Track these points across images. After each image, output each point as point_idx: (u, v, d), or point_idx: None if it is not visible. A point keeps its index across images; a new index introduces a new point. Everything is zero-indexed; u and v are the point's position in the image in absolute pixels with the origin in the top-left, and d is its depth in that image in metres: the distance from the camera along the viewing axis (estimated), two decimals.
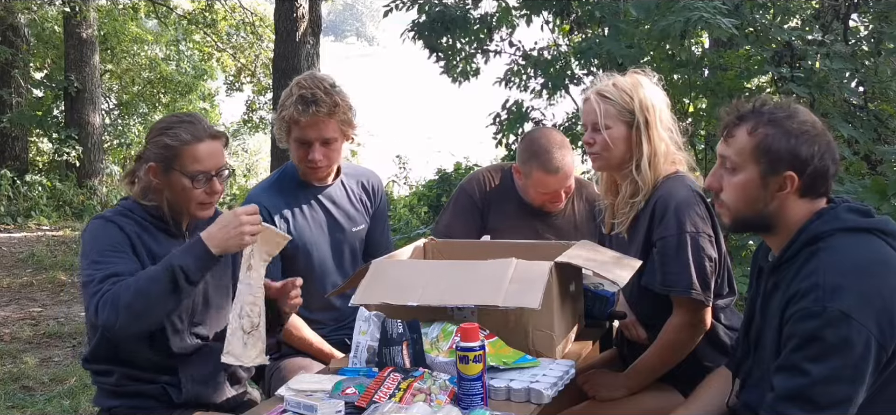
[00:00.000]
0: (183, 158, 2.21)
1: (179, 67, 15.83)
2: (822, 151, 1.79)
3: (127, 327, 2.03)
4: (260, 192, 2.77)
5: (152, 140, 2.27)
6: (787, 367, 1.71)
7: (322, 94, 2.57)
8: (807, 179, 1.80)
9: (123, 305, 2.01)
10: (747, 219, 1.88)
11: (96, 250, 2.13)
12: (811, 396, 1.67)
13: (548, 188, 2.91)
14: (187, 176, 2.21)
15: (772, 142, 1.79)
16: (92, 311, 2.05)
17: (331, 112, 2.58)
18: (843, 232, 1.77)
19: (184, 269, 2.03)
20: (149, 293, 2.03)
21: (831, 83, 4.74)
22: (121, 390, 2.28)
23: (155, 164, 2.23)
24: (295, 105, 2.57)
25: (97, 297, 2.04)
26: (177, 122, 2.28)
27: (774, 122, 1.80)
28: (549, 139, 2.90)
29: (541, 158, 2.86)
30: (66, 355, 5.54)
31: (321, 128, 2.59)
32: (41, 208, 11.73)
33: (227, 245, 2.08)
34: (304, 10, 9.58)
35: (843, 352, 1.64)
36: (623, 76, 2.44)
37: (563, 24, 6.93)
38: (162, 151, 2.23)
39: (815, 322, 1.67)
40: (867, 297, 1.66)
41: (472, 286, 2.08)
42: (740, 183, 1.84)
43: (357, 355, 2.07)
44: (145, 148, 2.29)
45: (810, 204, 1.83)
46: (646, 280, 2.34)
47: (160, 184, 2.24)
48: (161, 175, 2.23)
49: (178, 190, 2.23)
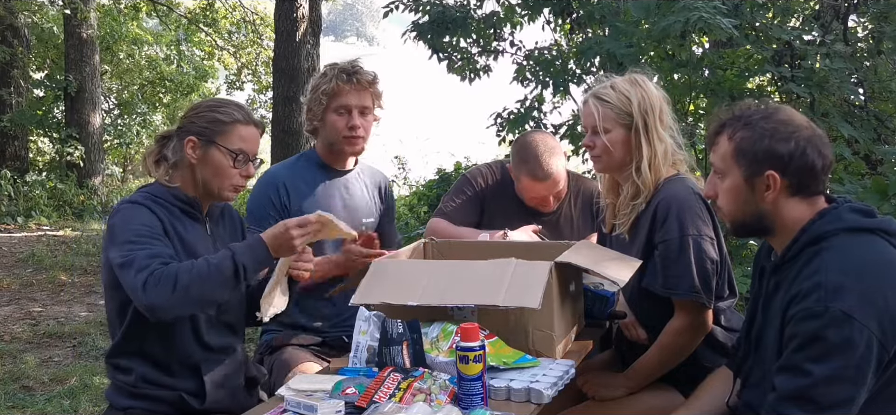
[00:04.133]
0: (230, 134, 2.24)
1: (180, 67, 15.83)
2: (802, 146, 1.80)
3: (176, 308, 2.02)
4: (279, 168, 2.90)
5: (198, 115, 2.27)
6: (788, 367, 1.72)
7: (360, 67, 2.82)
8: (791, 177, 1.81)
9: (182, 286, 2.00)
10: (744, 223, 1.91)
11: (132, 231, 2.10)
12: (813, 396, 1.67)
13: (536, 193, 2.98)
14: (230, 153, 2.24)
15: (747, 144, 1.83)
16: (139, 288, 2.00)
17: (372, 82, 2.81)
18: (846, 232, 1.78)
19: (245, 266, 2.07)
20: (210, 280, 2.03)
21: (831, 83, 4.73)
22: (138, 392, 2.24)
23: (196, 137, 2.24)
24: (336, 77, 2.77)
25: (145, 273, 2.01)
26: (226, 102, 2.34)
27: (750, 124, 1.84)
28: (539, 145, 2.93)
29: (529, 163, 2.92)
30: (66, 355, 5.54)
31: (362, 96, 2.79)
32: (41, 208, 11.74)
33: (280, 252, 2.15)
34: (304, 10, 9.59)
35: (845, 352, 1.64)
36: (622, 78, 2.44)
37: (563, 23, 6.93)
38: (208, 126, 2.24)
39: (818, 322, 1.67)
40: (869, 297, 1.66)
41: (472, 286, 2.08)
42: (728, 188, 1.88)
43: (357, 355, 2.07)
44: (183, 124, 2.29)
45: (807, 203, 1.84)
46: (647, 282, 2.34)
47: (196, 159, 2.24)
48: (200, 149, 2.24)
49: (215, 166, 2.24)
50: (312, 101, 2.82)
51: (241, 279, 2.07)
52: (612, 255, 2.35)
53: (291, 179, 2.79)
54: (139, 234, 2.10)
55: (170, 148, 2.28)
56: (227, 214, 2.46)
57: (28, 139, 13.21)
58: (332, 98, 2.78)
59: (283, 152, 9.47)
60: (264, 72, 15.09)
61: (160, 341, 2.22)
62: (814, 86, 4.71)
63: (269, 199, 2.75)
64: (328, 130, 2.81)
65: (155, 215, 2.17)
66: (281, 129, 9.64)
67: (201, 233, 2.29)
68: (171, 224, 2.20)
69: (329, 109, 2.79)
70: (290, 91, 9.50)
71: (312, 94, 2.83)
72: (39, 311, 6.82)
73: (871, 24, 5.76)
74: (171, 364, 2.24)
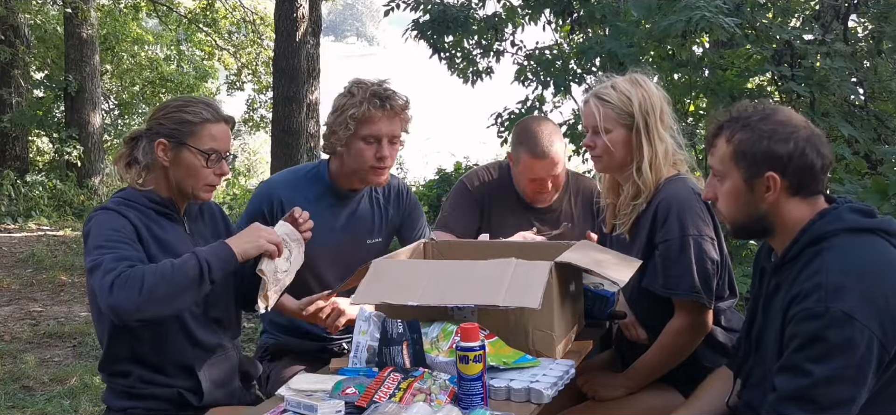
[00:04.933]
0: (200, 135, 2.22)
1: (180, 67, 15.82)
2: (801, 147, 1.80)
3: (142, 310, 2.00)
4: (281, 180, 2.77)
5: (166, 116, 2.25)
6: (789, 367, 1.72)
7: (393, 92, 2.60)
8: (791, 178, 1.81)
9: (147, 288, 1.99)
10: (744, 224, 1.91)
11: (102, 236, 2.10)
12: (813, 396, 1.67)
13: (535, 174, 2.91)
14: (202, 153, 2.22)
15: (747, 145, 1.83)
16: (105, 291, 1.99)
17: (404, 107, 2.62)
18: (846, 232, 1.78)
19: (209, 264, 2.06)
20: (174, 280, 2.03)
21: (831, 83, 4.73)
22: (135, 392, 2.24)
23: (166, 140, 2.22)
24: (367, 102, 2.55)
25: (111, 275, 2.00)
26: (193, 101, 2.30)
27: (748, 126, 1.84)
28: (540, 126, 2.91)
29: (529, 143, 2.88)
30: (66, 355, 5.54)
31: (393, 124, 2.60)
32: (41, 208, 11.73)
33: (246, 249, 2.15)
34: (304, 10, 9.59)
35: (845, 352, 1.64)
36: (623, 78, 2.44)
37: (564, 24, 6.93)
38: (176, 128, 2.22)
39: (818, 323, 1.67)
40: (870, 297, 1.66)
41: (472, 286, 2.08)
42: (728, 191, 1.88)
43: (357, 355, 2.07)
44: (151, 126, 2.26)
45: (807, 203, 1.84)
46: (647, 282, 2.34)
47: (168, 161, 2.23)
48: (171, 151, 2.22)
49: (187, 167, 2.22)
50: (337, 124, 2.59)
51: (205, 279, 2.06)
52: (612, 255, 2.35)
53: (290, 195, 2.64)
54: (108, 238, 2.10)
55: (140, 150, 2.25)
56: (206, 210, 2.45)
57: (28, 139, 13.20)
58: (362, 124, 2.56)
59: (284, 152, 9.47)
60: (264, 72, 15.09)
61: (151, 343, 2.22)
62: (814, 85, 4.71)
63: (261, 212, 2.62)
64: (353, 157, 2.61)
65: (127, 220, 2.16)
66: (281, 129, 9.63)
67: (180, 233, 2.28)
68: (146, 227, 2.19)
69: (357, 136, 2.57)
70: (290, 91, 9.50)
71: (338, 115, 2.59)
72: (39, 311, 6.82)
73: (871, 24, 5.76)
74: (165, 366, 2.25)
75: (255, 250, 2.17)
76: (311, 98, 10.25)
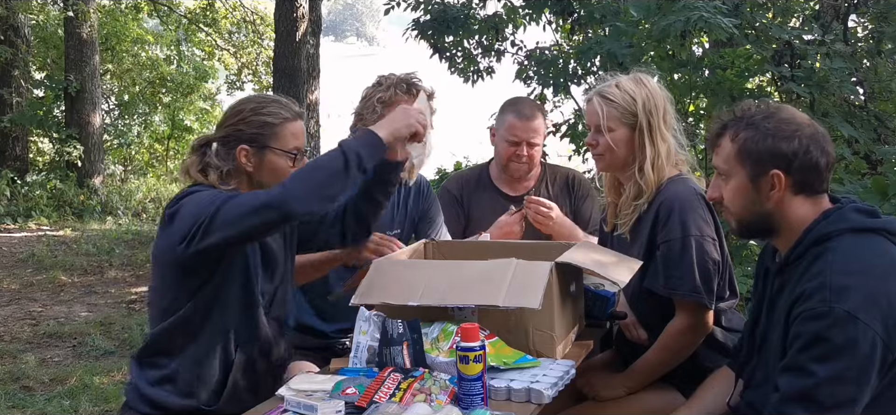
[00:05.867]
0: (282, 135, 2.19)
1: (180, 68, 15.82)
2: (805, 144, 1.80)
3: (306, 199, 1.97)
4: None
5: (243, 121, 2.19)
6: (792, 367, 1.71)
7: (419, 80, 2.71)
8: (796, 175, 1.81)
9: (301, 178, 1.99)
10: (750, 223, 1.90)
11: (210, 194, 2.05)
12: (816, 396, 1.66)
13: (515, 134, 3.03)
14: (287, 153, 2.19)
15: (752, 144, 1.83)
16: (276, 191, 1.97)
17: (429, 97, 2.67)
18: (851, 232, 1.78)
19: (358, 154, 2.03)
20: (324, 167, 2.01)
21: (831, 83, 4.74)
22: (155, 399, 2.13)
23: (248, 145, 2.17)
24: (395, 86, 2.68)
25: (255, 196, 1.99)
26: (266, 100, 2.26)
27: (752, 124, 1.84)
28: (525, 98, 3.17)
29: (515, 105, 3.09)
30: (66, 355, 5.54)
31: None
32: (41, 208, 11.72)
33: (398, 130, 2.14)
34: (304, 10, 9.59)
35: (849, 353, 1.64)
36: (626, 77, 2.44)
37: (564, 24, 6.93)
38: (258, 132, 2.17)
39: (822, 323, 1.67)
40: (874, 298, 1.66)
41: (473, 286, 2.08)
42: (734, 189, 1.88)
43: (357, 355, 2.07)
44: (228, 132, 2.20)
45: (811, 202, 1.84)
46: (648, 282, 2.34)
47: (252, 166, 2.18)
48: (254, 156, 2.18)
49: (273, 169, 2.18)
50: (365, 110, 2.69)
51: (351, 166, 2.01)
52: (612, 255, 2.35)
53: None
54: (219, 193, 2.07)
55: (212, 155, 2.19)
56: None
57: (28, 139, 13.20)
58: (388, 108, 2.63)
59: None
60: (264, 72, 15.07)
61: (212, 326, 2.14)
62: (814, 85, 4.72)
63: None
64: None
65: None
66: None
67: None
68: None
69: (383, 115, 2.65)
70: (290, 91, 9.49)
71: (365, 102, 2.70)
72: (39, 311, 6.82)
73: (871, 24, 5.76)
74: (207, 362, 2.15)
75: (407, 130, 2.15)
76: (311, 98, 10.26)
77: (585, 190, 3.23)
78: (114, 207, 12.28)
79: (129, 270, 8.58)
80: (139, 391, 2.18)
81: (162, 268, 2.17)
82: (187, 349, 2.15)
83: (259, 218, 1.98)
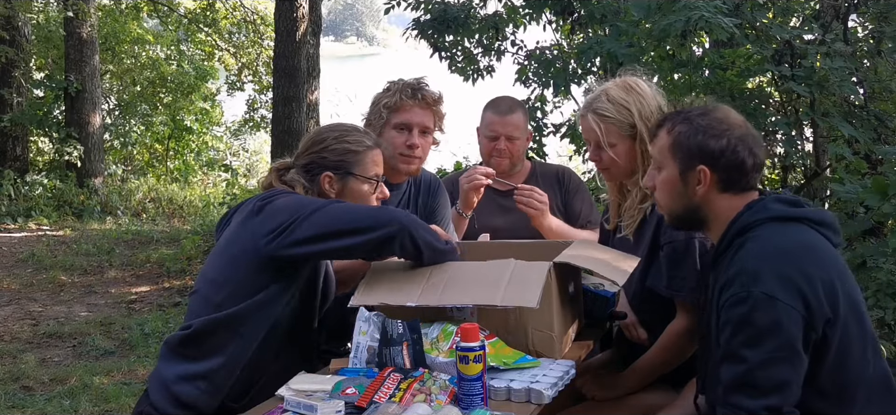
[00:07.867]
0: (365, 162, 2.30)
1: (180, 67, 15.80)
2: (733, 144, 1.87)
3: (425, 233, 2.14)
4: None
5: (327, 149, 2.29)
6: (727, 355, 1.76)
7: (426, 84, 2.77)
8: (721, 173, 1.88)
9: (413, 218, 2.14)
10: (678, 215, 1.98)
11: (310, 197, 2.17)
12: (753, 381, 1.70)
13: (493, 130, 3.10)
14: (368, 180, 2.29)
15: (683, 138, 1.90)
16: (379, 212, 2.14)
17: (436, 101, 2.78)
18: (772, 221, 1.83)
19: (433, 250, 2.18)
20: (432, 233, 2.19)
21: (831, 83, 4.73)
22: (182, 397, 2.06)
23: (332, 173, 2.27)
24: (401, 91, 2.73)
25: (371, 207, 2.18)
26: (348, 130, 2.36)
27: (687, 120, 1.91)
28: (505, 96, 3.23)
29: (494, 103, 3.16)
30: (66, 355, 5.55)
31: (424, 115, 2.76)
32: (41, 208, 11.72)
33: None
34: (304, 10, 9.58)
35: (774, 334, 1.69)
36: (614, 84, 2.42)
37: (564, 23, 6.93)
38: (342, 159, 2.28)
39: (743, 307, 1.72)
40: (789, 277, 1.71)
41: (471, 286, 2.08)
42: (664, 180, 1.95)
43: (357, 356, 2.07)
44: (312, 159, 2.29)
45: (736, 198, 1.89)
46: (651, 282, 2.34)
47: (335, 192, 2.27)
48: (338, 183, 2.28)
49: (355, 195, 2.29)
50: (372, 114, 2.77)
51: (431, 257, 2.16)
52: (611, 254, 2.35)
53: None
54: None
55: (290, 179, 2.26)
56: None
57: (28, 139, 13.19)
58: (394, 113, 2.73)
59: (284, 152, 9.44)
60: (265, 72, 15.06)
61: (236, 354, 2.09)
62: (814, 85, 4.71)
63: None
64: (385, 145, 2.66)
65: None
66: (281, 128, 9.63)
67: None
68: None
69: (389, 124, 2.74)
70: (291, 91, 9.49)
71: (373, 107, 2.78)
72: (39, 311, 6.82)
73: (871, 24, 5.76)
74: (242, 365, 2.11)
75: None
76: (311, 98, 10.25)
77: (575, 184, 3.25)
78: (114, 207, 12.27)
79: (129, 270, 8.58)
80: (166, 387, 2.08)
81: (229, 260, 2.13)
82: (229, 347, 2.08)
83: (376, 233, 2.07)
